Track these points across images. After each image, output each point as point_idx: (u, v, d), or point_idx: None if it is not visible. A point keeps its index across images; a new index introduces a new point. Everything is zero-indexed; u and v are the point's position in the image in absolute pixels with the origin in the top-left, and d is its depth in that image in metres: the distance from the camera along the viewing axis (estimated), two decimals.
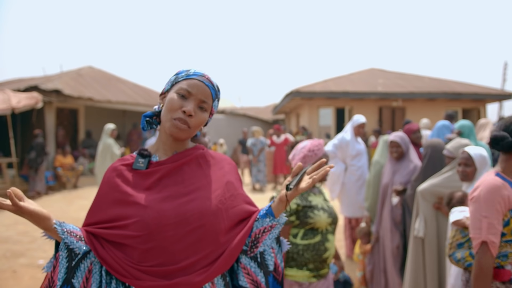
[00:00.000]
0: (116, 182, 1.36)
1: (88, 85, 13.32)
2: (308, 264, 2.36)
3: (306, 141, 2.67)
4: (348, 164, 5.04)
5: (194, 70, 1.41)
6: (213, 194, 1.37)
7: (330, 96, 14.00)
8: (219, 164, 1.49)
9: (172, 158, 1.40)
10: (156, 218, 1.27)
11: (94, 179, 12.18)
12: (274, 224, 1.44)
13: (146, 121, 1.48)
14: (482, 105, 14.70)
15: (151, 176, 1.36)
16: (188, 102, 1.35)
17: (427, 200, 3.20)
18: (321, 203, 2.49)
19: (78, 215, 7.79)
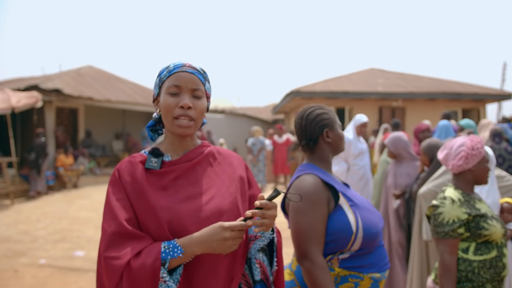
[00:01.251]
0: (135, 181, 1.31)
1: (88, 85, 13.31)
2: (486, 284, 2.02)
3: (458, 138, 2.27)
4: (350, 163, 5.04)
5: (173, 64, 1.39)
6: (227, 191, 1.38)
7: (330, 96, 13.98)
8: (228, 160, 1.48)
9: (184, 157, 1.39)
10: (179, 219, 1.27)
11: (94, 179, 12.21)
12: (258, 236, 1.40)
13: (150, 130, 1.48)
14: (482, 105, 14.71)
15: (166, 176, 1.34)
16: (181, 97, 1.34)
17: (429, 202, 3.18)
18: (489, 211, 2.15)
19: (78, 215, 7.79)
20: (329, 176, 1.81)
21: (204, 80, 1.41)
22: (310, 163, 1.86)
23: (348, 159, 5.03)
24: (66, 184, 10.98)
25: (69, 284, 4.42)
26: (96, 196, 9.95)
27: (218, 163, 1.45)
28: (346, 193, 1.77)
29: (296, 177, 1.81)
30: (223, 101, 26.53)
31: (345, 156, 5.06)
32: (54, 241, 6.01)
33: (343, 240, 1.64)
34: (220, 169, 1.43)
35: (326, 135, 1.86)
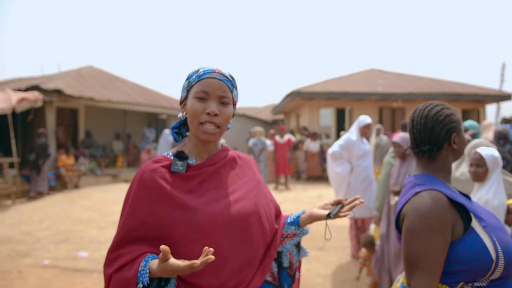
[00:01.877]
0: (157, 184, 1.32)
1: (88, 85, 13.30)
2: None
3: None
4: (353, 164, 5.06)
5: (203, 69, 1.40)
6: (251, 194, 1.43)
7: (330, 97, 14.03)
8: (247, 164, 1.54)
9: (209, 161, 1.42)
10: (207, 220, 1.30)
11: (95, 179, 12.21)
12: (298, 233, 1.56)
13: (175, 132, 1.50)
14: (481, 105, 14.76)
15: (192, 179, 1.37)
16: (209, 103, 1.35)
17: None
18: None
19: (80, 215, 7.79)
20: (454, 191, 1.52)
21: (232, 87, 1.43)
22: (428, 174, 1.55)
23: (352, 160, 5.05)
24: (67, 184, 10.97)
25: (74, 285, 4.42)
26: (98, 197, 9.95)
27: (240, 167, 1.50)
28: (476, 211, 1.48)
29: (413, 193, 1.48)
30: None
31: (348, 157, 5.08)
32: (57, 241, 6.01)
33: (479, 270, 1.38)
34: (242, 173, 1.49)
35: (453, 141, 1.56)
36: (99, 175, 12.51)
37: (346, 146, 5.05)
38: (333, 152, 5.04)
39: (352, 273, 4.66)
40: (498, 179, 2.77)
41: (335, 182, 5.08)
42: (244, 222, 1.36)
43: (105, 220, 7.36)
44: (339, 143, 5.08)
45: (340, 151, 5.02)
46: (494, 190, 2.74)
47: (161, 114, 17.08)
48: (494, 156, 2.75)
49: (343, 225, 6.79)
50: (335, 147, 5.07)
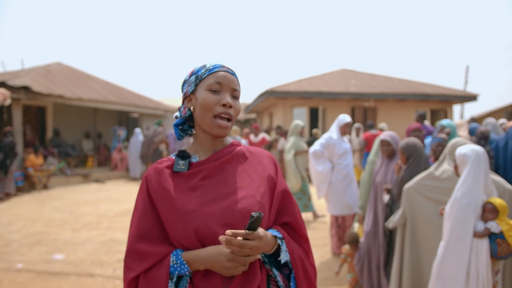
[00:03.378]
0: (164, 187, 1.32)
1: (57, 82, 12.88)
2: None
3: None
4: (334, 163, 5.12)
5: (212, 64, 1.38)
6: (258, 192, 1.35)
7: (304, 96, 14.14)
8: (258, 159, 1.46)
9: (212, 157, 1.37)
10: (206, 223, 1.25)
11: (65, 179, 11.84)
12: None
13: (179, 129, 1.46)
14: (448, 106, 15.25)
15: (193, 177, 1.34)
16: (223, 95, 1.33)
17: (410, 197, 3.27)
18: None
19: (52, 216, 7.53)
20: None
21: (238, 82, 1.41)
22: None
23: (333, 158, 5.11)
24: (36, 185, 10.59)
25: None
26: (69, 197, 9.66)
27: (249, 162, 1.43)
28: None
29: None
30: None
31: (329, 156, 5.13)
32: (30, 244, 5.78)
33: None
34: (251, 169, 1.41)
35: None
36: (69, 175, 12.14)
37: (327, 145, 5.09)
38: (314, 151, 5.07)
39: (334, 270, 4.71)
40: (472, 177, 2.80)
41: (317, 181, 5.13)
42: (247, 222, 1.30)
43: (79, 221, 7.15)
44: (321, 142, 5.12)
45: (321, 149, 5.06)
46: (465, 188, 2.78)
47: (133, 112, 16.76)
48: (461, 153, 2.82)
49: (325, 221, 6.86)
50: (317, 146, 5.10)
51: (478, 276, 2.76)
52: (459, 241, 2.79)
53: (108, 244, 5.80)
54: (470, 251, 2.79)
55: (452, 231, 2.80)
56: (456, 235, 2.79)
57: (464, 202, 2.77)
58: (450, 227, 2.81)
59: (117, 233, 6.43)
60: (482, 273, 2.75)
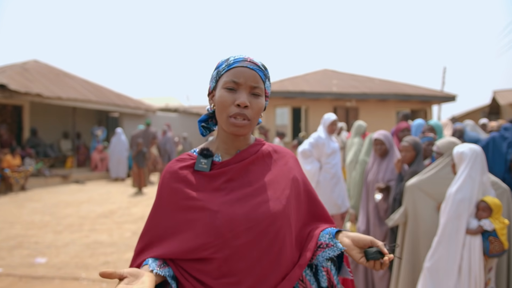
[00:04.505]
0: (179, 187, 1.26)
1: (35, 80, 12.53)
2: None
3: None
4: (323, 162, 5.10)
5: (233, 58, 1.30)
6: (283, 194, 1.29)
7: (287, 96, 14.16)
8: (284, 159, 1.40)
9: (236, 157, 1.31)
10: (228, 223, 1.19)
11: (44, 180, 11.52)
12: (331, 244, 1.31)
13: (202, 126, 1.40)
14: (428, 106, 15.51)
15: (217, 178, 1.28)
16: (239, 94, 1.24)
17: (413, 195, 3.29)
18: None
19: (31, 219, 7.31)
20: None
21: (265, 77, 1.32)
22: None
23: (321, 158, 5.10)
24: (13, 186, 10.27)
25: None
26: (48, 199, 9.40)
27: (274, 163, 1.37)
28: None
29: None
30: (172, 100, 26.09)
31: (318, 155, 5.12)
32: (10, 248, 5.59)
33: None
34: (276, 169, 1.35)
35: None
36: (47, 176, 11.82)
37: (316, 144, 5.08)
38: (303, 150, 5.06)
39: None
40: (466, 174, 2.86)
41: None
42: (273, 226, 1.21)
43: (60, 223, 6.95)
44: (309, 141, 5.10)
45: (310, 149, 5.04)
46: (459, 184, 2.86)
47: (113, 112, 16.47)
48: (458, 151, 2.89)
49: None
50: (305, 145, 5.08)
51: (470, 272, 2.79)
52: (452, 236, 2.83)
53: (92, 247, 5.65)
54: (463, 248, 2.83)
55: (445, 226, 2.84)
56: (448, 230, 2.84)
57: (458, 197, 2.82)
58: (444, 223, 2.86)
59: (101, 235, 6.27)
60: (474, 269, 2.78)
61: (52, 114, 14.61)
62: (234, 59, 1.29)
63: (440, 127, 4.80)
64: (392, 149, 3.98)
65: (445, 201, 2.91)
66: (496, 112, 17.70)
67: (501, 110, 17.13)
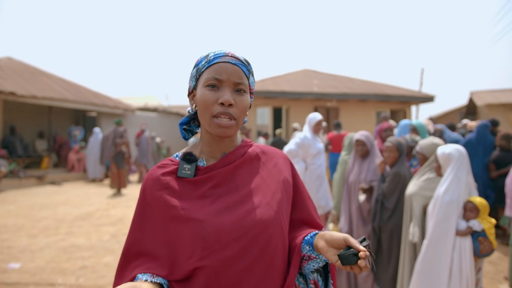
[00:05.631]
0: (162, 195, 1.16)
1: (8, 78, 12.11)
2: None
3: None
4: (308, 163, 5.05)
5: (213, 53, 1.20)
6: (274, 199, 1.20)
7: (268, 96, 14.12)
8: (273, 161, 1.31)
9: (222, 161, 1.22)
10: (216, 233, 1.10)
11: (18, 182, 11.14)
12: (313, 257, 1.21)
13: (183, 129, 1.30)
14: (407, 106, 15.71)
15: (202, 184, 1.18)
16: (222, 92, 1.15)
17: (418, 203, 3.21)
18: None
19: (5, 222, 7.03)
20: None
21: (249, 73, 1.23)
22: None
23: (307, 158, 5.05)
24: None
25: None
26: (22, 201, 9.08)
27: (263, 165, 1.28)
28: None
29: None
30: (151, 99, 25.77)
31: (303, 156, 5.06)
32: None
33: None
34: (265, 172, 1.26)
35: None
36: (22, 177, 11.44)
37: (302, 145, 5.02)
38: (289, 150, 5.00)
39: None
40: (453, 175, 2.85)
41: None
42: (263, 234, 1.13)
43: (35, 227, 6.70)
44: (295, 142, 5.04)
45: (296, 149, 4.99)
46: (446, 186, 2.84)
47: (90, 111, 16.11)
48: (444, 153, 2.87)
49: None
50: (291, 145, 5.03)
51: (461, 274, 2.77)
52: (441, 239, 2.81)
53: (69, 251, 5.45)
54: (453, 250, 2.80)
55: (434, 229, 2.82)
56: (438, 232, 2.82)
57: (446, 199, 2.80)
58: (433, 225, 2.84)
59: (79, 238, 6.07)
60: (465, 271, 2.76)
61: (26, 113, 14.17)
62: (215, 55, 1.20)
63: (423, 127, 4.81)
64: (373, 149, 3.97)
65: (433, 203, 2.88)
66: (473, 112, 18.08)
67: (477, 110, 17.49)
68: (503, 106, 16.00)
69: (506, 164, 5.71)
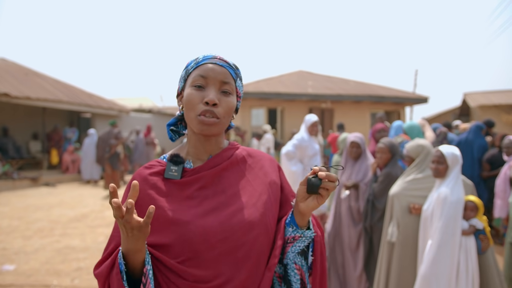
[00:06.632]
0: (150, 194, 1.17)
1: (2, 79, 12.04)
2: None
3: None
4: (305, 164, 5.08)
5: (202, 56, 1.23)
6: (260, 200, 1.21)
7: (262, 97, 14.14)
8: (259, 163, 1.32)
9: (208, 163, 1.23)
10: (201, 235, 1.11)
11: (12, 183, 11.07)
12: (298, 236, 1.18)
13: (171, 130, 1.31)
14: (401, 107, 15.81)
15: (188, 186, 1.19)
16: (207, 91, 1.16)
17: (401, 203, 3.24)
18: None
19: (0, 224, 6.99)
20: None
21: (236, 76, 1.24)
22: None
23: (304, 159, 5.07)
24: None
25: None
26: (16, 202, 9.03)
27: (249, 167, 1.29)
28: None
29: None
30: (146, 100, 25.72)
31: (301, 157, 5.09)
32: None
33: None
34: (251, 175, 1.27)
35: None
36: (16, 179, 11.37)
37: (300, 146, 5.05)
38: (287, 151, 5.02)
39: None
40: (458, 176, 2.89)
41: (290, 181, 5.07)
42: (249, 235, 1.14)
43: (29, 228, 6.67)
44: (293, 143, 5.07)
45: (293, 150, 5.02)
46: (452, 187, 2.86)
47: (85, 112, 16.04)
48: (454, 154, 2.88)
49: None
50: (289, 146, 5.06)
51: (468, 274, 2.77)
52: (449, 239, 2.77)
53: (64, 252, 5.43)
54: (460, 250, 2.81)
55: (445, 229, 2.76)
56: (449, 232, 2.77)
57: (454, 199, 2.80)
58: (441, 226, 2.77)
59: (73, 239, 6.05)
60: (471, 270, 2.78)
61: (20, 114, 14.10)
62: (204, 57, 1.23)
63: (417, 128, 4.84)
64: (366, 151, 4.01)
65: (439, 203, 2.82)
66: (466, 114, 18.21)
67: (471, 112, 17.62)
68: (496, 107, 16.13)
69: (500, 165, 5.78)
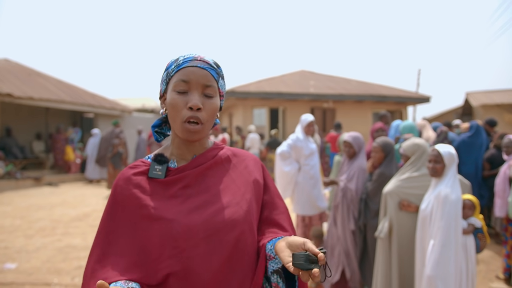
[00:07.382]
0: (134, 194, 1.19)
1: (5, 80, 12.14)
2: None
3: None
4: (301, 163, 5.10)
5: (183, 57, 1.23)
6: (243, 199, 1.24)
7: (264, 97, 14.17)
8: (244, 163, 1.34)
9: (192, 163, 1.25)
10: (185, 232, 1.13)
11: (15, 183, 11.16)
12: (272, 257, 1.20)
13: (155, 131, 1.34)
14: (403, 107, 15.79)
15: (172, 185, 1.21)
16: (190, 96, 1.18)
17: (394, 201, 3.26)
18: None
19: (2, 223, 7.07)
20: None
21: (218, 76, 1.25)
22: None
23: (300, 159, 5.09)
24: None
25: None
26: (19, 202, 9.11)
27: (234, 167, 1.31)
28: None
29: None
30: (148, 101, 25.76)
31: (296, 157, 5.11)
32: None
33: None
34: (235, 174, 1.29)
35: None
36: (19, 178, 11.45)
37: (295, 146, 5.07)
38: (281, 151, 5.04)
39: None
40: (455, 175, 2.90)
41: (283, 181, 5.09)
42: (232, 233, 1.16)
43: (31, 227, 6.73)
44: (288, 143, 5.09)
45: (288, 150, 5.03)
46: (451, 185, 2.86)
47: (88, 112, 16.12)
48: (450, 153, 2.89)
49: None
50: (284, 146, 5.07)
51: (468, 273, 2.79)
52: (453, 239, 2.75)
53: (65, 251, 5.49)
54: (461, 249, 2.82)
55: (447, 229, 2.74)
56: (451, 232, 2.74)
57: (454, 198, 2.80)
58: (444, 226, 2.74)
59: (75, 238, 6.11)
60: (471, 269, 2.80)
61: (23, 114, 14.19)
62: (184, 59, 1.23)
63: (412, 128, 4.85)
64: (361, 151, 4.02)
65: (439, 203, 2.81)
66: (469, 113, 18.16)
67: (473, 111, 17.58)
68: (498, 107, 16.09)
69: (500, 164, 5.77)
